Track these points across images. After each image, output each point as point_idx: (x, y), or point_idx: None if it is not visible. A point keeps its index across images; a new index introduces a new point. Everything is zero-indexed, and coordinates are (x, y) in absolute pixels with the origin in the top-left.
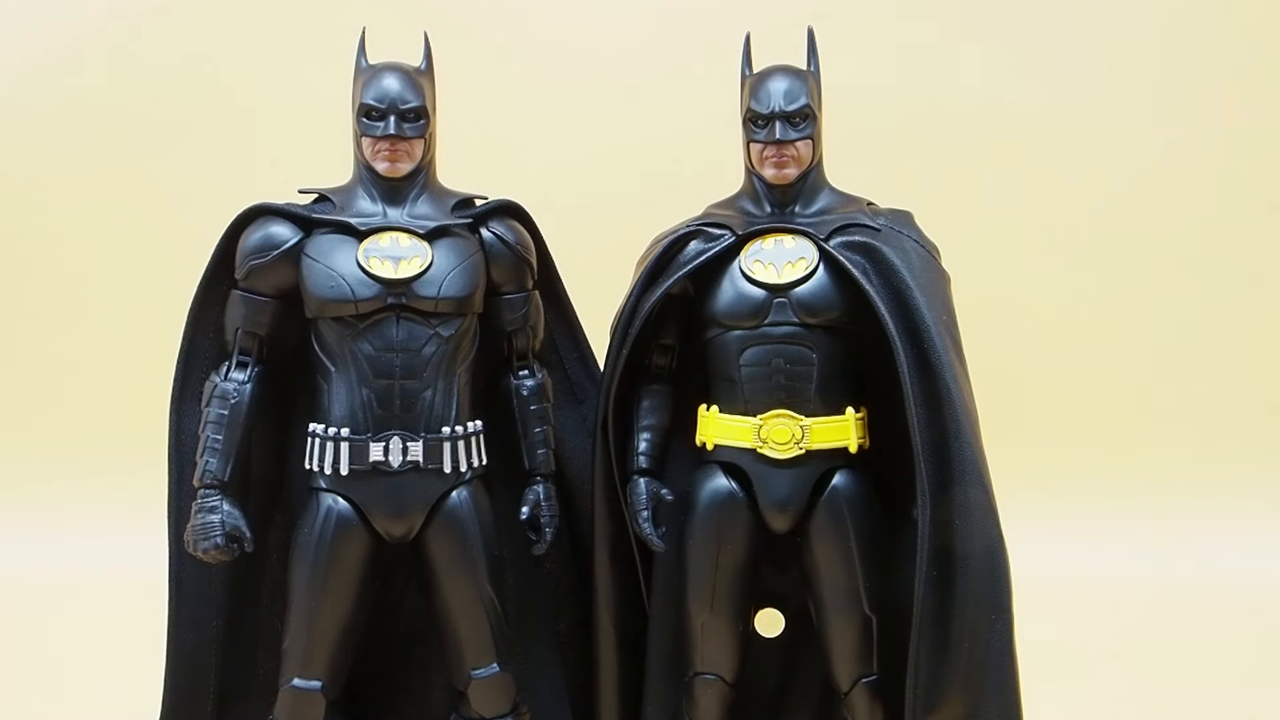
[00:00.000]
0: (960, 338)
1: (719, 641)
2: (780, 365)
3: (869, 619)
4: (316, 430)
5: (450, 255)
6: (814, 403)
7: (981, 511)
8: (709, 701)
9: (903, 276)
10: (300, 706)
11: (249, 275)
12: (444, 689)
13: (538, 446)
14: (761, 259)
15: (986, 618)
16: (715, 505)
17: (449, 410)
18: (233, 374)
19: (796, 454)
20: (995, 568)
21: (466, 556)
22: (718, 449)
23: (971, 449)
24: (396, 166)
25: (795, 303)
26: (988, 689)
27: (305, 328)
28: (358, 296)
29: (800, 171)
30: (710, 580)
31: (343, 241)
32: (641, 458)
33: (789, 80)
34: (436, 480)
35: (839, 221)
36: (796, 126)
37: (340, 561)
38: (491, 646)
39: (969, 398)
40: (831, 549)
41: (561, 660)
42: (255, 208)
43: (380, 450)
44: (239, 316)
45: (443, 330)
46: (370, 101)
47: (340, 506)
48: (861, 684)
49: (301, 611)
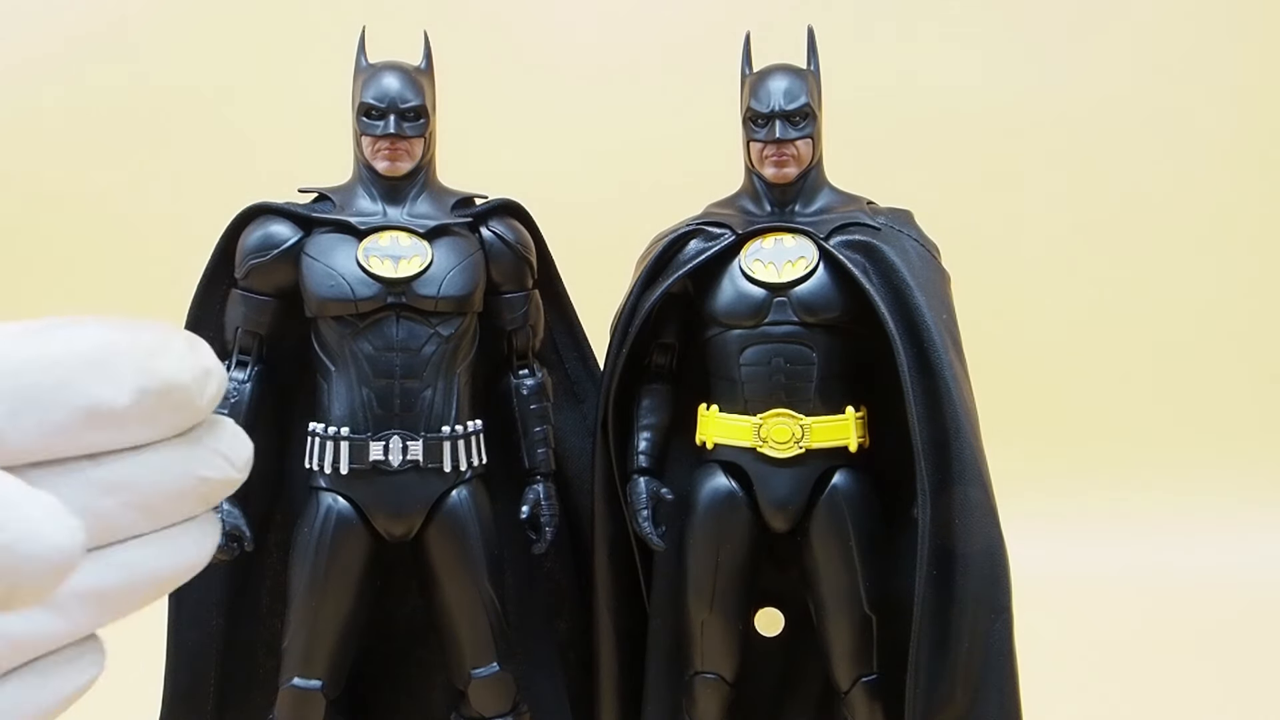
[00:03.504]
0: (960, 337)
1: (719, 641)
2: (780, 365)
3: (869, 618)
4: (316, 429)
5: (450, 254)
6: (814, 402)
7: (981, 511)
8: (709, 701)
9: (903, 276)
10: (300, 706)
11: (249, 274)
12: (444, 689)
13: (538, 445)
14: (761, 258)
15: (986, 617)
16: (715, 504)
17: (449, 409)
18: (233, 373)
19: (796, 453)
20: (995, 567)
21: (466, 556)
22: (718, 448)
23: (971, 448)
24: (396, 166)
25: (795, 302)
26: (987, 688)
27: (305, 327)
28: (358, 296)
29: (800, 170)
30: (710, 579)
31: (342, 241)
32: (641, 457)
33: (789, 79)
34: (436, 480)
35: (839, 220)
36: (796, 125)
37: (340, 561)
38: (491, 646)
39: (969, 397)
40: (831, 548)
41: (561, 660)
42: (255, 207)
43: (380, 449)
44: (239, 316)
45: (443, 330)
46: (370, 100)
47: (340, 506)
48: (861, 683)
49: (301, 611)
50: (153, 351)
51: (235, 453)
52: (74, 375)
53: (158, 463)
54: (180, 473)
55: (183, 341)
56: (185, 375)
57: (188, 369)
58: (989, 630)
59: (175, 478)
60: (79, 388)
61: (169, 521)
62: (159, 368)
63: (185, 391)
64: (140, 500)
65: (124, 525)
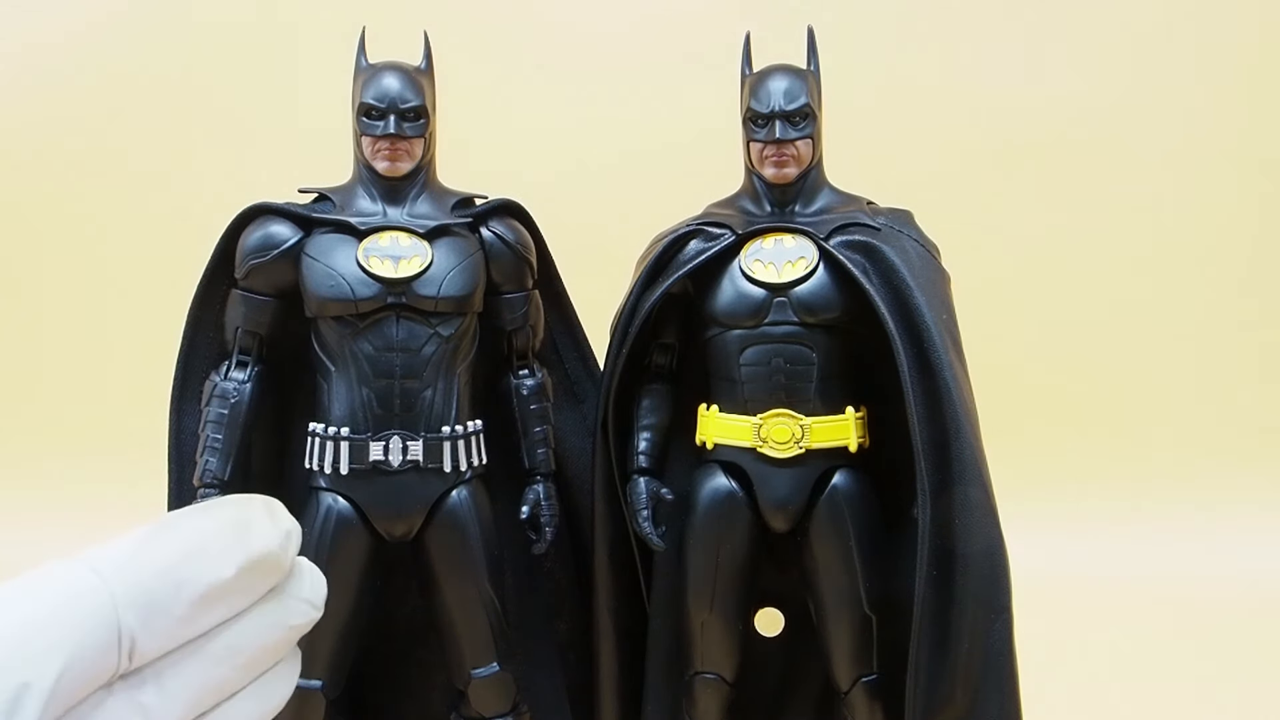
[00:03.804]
0: (960, 337)
1: (719, 641)
2: (780, 365)
3: (869, 618)
4: (316, 430)
5: (450, 254)
6: (814, 402)
7: (981, 511)
8: (709, 701)
9: (903, 276)
10: (300, 706)
11: (249, 274)
12: (444, 689)
13: (538, 446)
14: (761, 258)
15: (985, 617)
16: (715, 504)
17: (449, 410)
18: (233, 373)
19: (796, 453)
20: (995, 567)
21: (466, 556)
22: (718, 448)
23: (971, 448)
24: (396, 166)
25: (795, 302)
26: (987, 689)
27: (305, 327)
28: (358, 296)
29: (800, 171)
30: (710, 579)
31: (342, 241)
32: (641, 457)
33: (789, 80)
34: (436, 480)
35: (839, 221)
36: (796, 126)
37: (341, 561)
38: (492, 646)
39: (969, 397)
40: (831, 548)
41: (561, 660)
42: (255, 207)
43: (380, 449)
44: (239, 316)
45: (443, 330)
46: (370, 101)
47: (340, 506)
48: (861, 684)
49: None
50: (241, 528)
51: (316, 594)
52: (186, 573)
53: (256, 625)
54: (275, 628)
55: (262, 510)
56: (273, 543)
57: (274, 537)
58: (989, 630)
59: (271, 634)
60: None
61: (265, 669)
62: (251, 543)
63: (275, 558)
64: (245, 661)
65: (233, 684)
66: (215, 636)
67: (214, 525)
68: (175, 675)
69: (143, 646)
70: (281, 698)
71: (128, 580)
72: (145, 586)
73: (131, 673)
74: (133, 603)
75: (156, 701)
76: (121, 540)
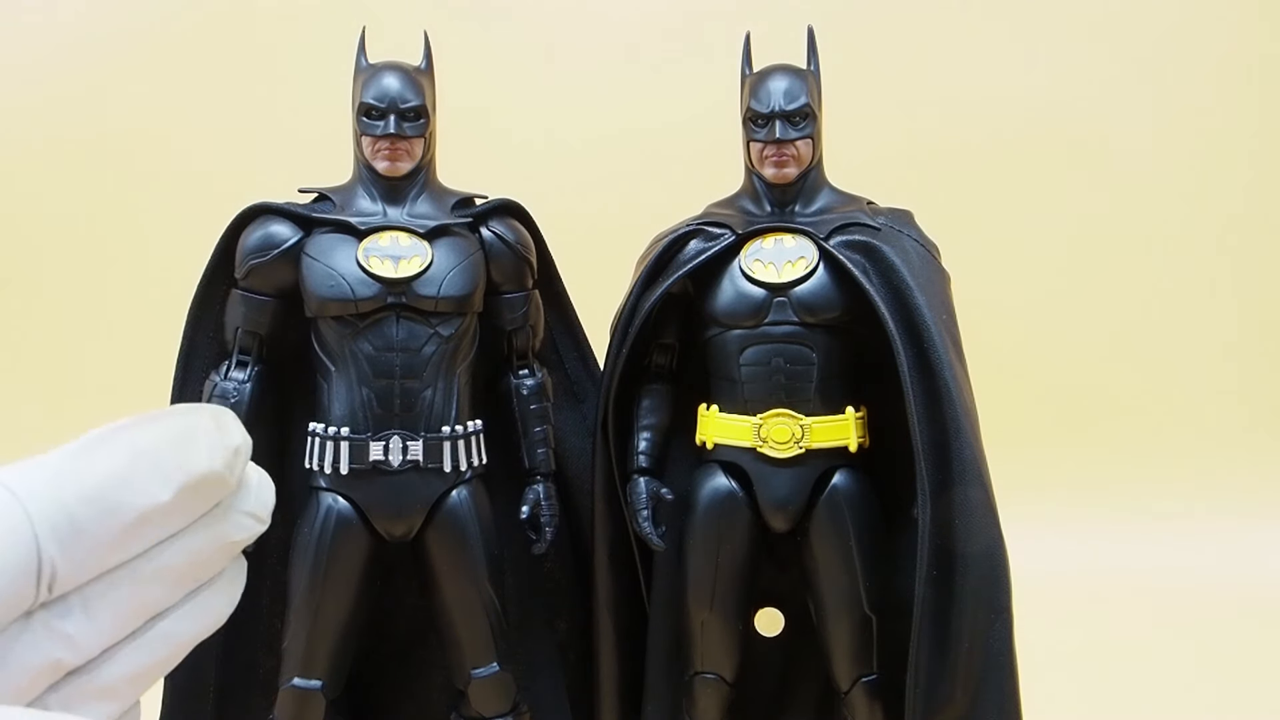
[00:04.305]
0: (960, 337)
1: (719, 641)
2: (780, 365)
3: (869, 619)
4: (316, 429)
5: (450, 254)
6: (814, 402)
7: (981, 511)
8: (709, 701)
9: (903, 276)
10: (301, 706)
11: (249, 274)
12: (444, 689)
13: (538, 445)
14: (761, 258)
15: (986, 617)
16: (715, 504)
17: (449, 410)
18: (232, 373)
19: (796, 453)
20: (995, 568)
21: (466, 556)
22: (718, 448)
23: (971, 449)
24: (396, 166)
25: (795, 302)
26: (987, 689)
27: (305, 327)
28: (358, 296)
29: (800, 171)
30: (710, 579)
31: (343, 241)
32: (641, 457)
33: (789, 79)
34: (436, 480)
35: (839, 220)
36: (796, 126)
37: (340, 561)
38: (491, 646)
39: (969, 397)
40: (831, 548)
41: (561, 660)
42: (255, 207)
43: (380, 449)
44: (239, 316)
45: (443, 330)
46: (370, 101)
47: (340, 506)
48: (861, 684)
49: (302, 611)
50: (184, 444)
51: (262, 507)
52: (117, 496)
53: (194, 542)
54: (214, 543)
55: (209, 422)
56: (218, 463)
57: (219, 455)
58: (989, 630)
59: (209, 549)
60: (123, 506)
61: (201, 583)
62: (191, 462)
63: (219, 477)
64: (178, 577)
65: (165, 602)
66: (150, 557)
67: (152, 441)
68: (101, 600)
69: (64, 575)
70: (220, 614)
71: (49, 503)
72: (69, 511)
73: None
74: (54, 529)
75: (80, 629)
76: (45, 457)
